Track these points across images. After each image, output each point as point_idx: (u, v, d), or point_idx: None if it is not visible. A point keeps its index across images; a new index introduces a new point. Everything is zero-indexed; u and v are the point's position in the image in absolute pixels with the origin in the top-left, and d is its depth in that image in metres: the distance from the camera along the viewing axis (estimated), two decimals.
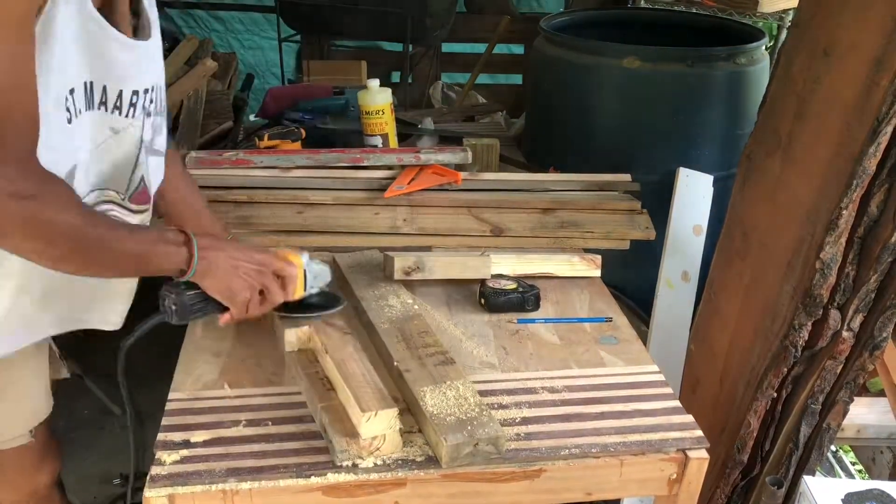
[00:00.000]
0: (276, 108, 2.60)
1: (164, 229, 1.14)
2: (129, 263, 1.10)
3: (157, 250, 1.09)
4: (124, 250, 1.06)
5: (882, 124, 1.20)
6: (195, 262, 1.11)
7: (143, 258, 1.09)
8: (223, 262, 1.15)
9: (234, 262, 1.16)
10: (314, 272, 1.29)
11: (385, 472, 1.05)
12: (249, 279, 1.17)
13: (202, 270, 1.13)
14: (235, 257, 1.17)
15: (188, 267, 1.11)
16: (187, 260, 1.11)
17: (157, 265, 1.11)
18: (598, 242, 1.75)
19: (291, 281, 1.23)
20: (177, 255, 1.11)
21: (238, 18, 4.82)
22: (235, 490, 1.02)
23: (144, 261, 1.10)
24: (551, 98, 2.32)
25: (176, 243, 1.11)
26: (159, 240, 1.11)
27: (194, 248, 1.11)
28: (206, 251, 1.13)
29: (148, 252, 1.09)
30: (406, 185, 1.84)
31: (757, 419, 1.49)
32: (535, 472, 1.09)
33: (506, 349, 1.35)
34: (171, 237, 1.11)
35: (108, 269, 1.11)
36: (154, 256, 1.10)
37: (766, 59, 2.25)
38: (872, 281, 1.30)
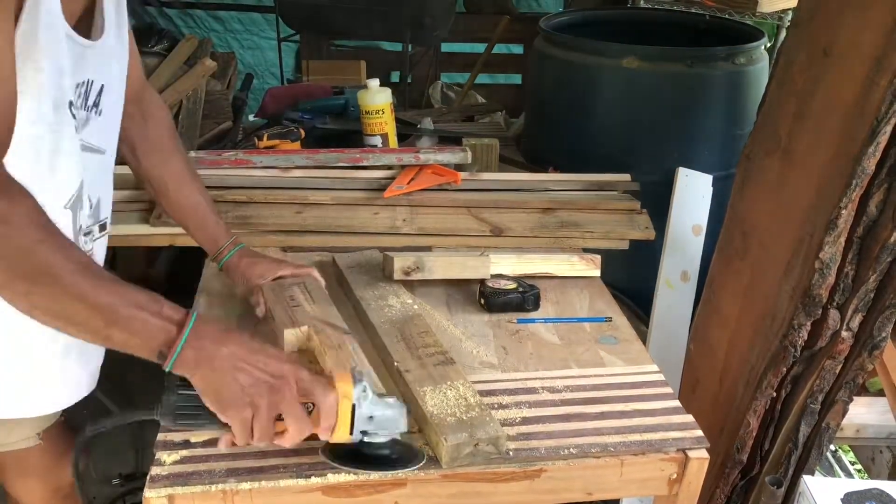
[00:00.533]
0: (275, 108, 2.60)
1: (161, 299, 0.91)
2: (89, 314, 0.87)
3: (130, 314, 0.88)
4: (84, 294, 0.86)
5: (881, 124, 1.20)
6: (178, 348, 0.88)
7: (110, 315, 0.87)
8: (221, 359, 0.90)
9: (238, 363, 0.91)
10: (374, 413, 0.96)
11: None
12: (254, 392, 0.90)
13: (189, 363, 0.89)
14: (240, 357, 0.91)
15: (169, 350, 0.88)
16: (169, 341, 0.88)
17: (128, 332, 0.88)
18: (597, 242, 1.75)
19: (327, 415, 0.93)
20: (158, 331, 0.89)
21: (237, 18, 4.82)
22: (235, 490, 1.02)
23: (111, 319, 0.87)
24: (551, 98, 2.33)
25: (164, 317, 0.89)
26: (143, 305, 0.89)
27: (186, 330, 0.89)
28: (203, 340, 0.90)
29: (118, 311, 0.87)
30: (406, 185, 1.84)
31: (756, 419, 1.49)
32: (536, 472, 1.09)
33: (506, 349, 1.35)
34: (163, 309, 0.90)
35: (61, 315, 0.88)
36: (125, 319, 0.88)
37: (765, 59, 2.25)
38: (871, 281, 1.31)
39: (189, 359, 0.89)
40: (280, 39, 4.16)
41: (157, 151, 1.35)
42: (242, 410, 0.91)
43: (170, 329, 0.89)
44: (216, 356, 0.90)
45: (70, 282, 0.86)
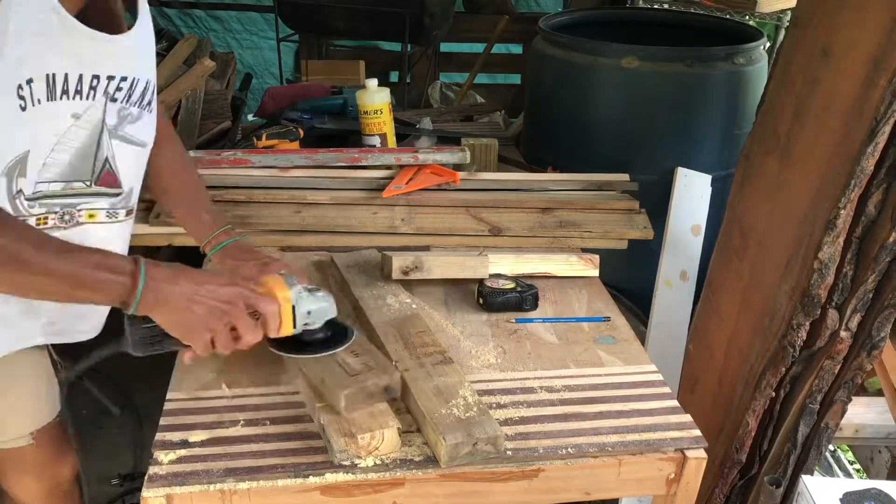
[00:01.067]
0: (274, 107, 2.60)
1: (111, 254, 1.05)
2: (55, 284, 0.99)
3: (91, 274, 0.99)
4: (49, 268, 0.97)
5: (880, 124, 1.20)
6: (138, 295, 1.00)
7: (74, 280, 0.99)
8: (176, 297, 1.03)
9: (192, 296, 1.03)
10: (310, 308, 1.13)
11: (383, 471, 1.05)
12: (210, 316, 1.04)
13: (149, 303, 1.02)
14: (194, 291, 1.04)
15: (130, 298, 1.00)
16: (128, 292, 1.00)
17: (92, 291, 1.00)
18: (596, 242, 1.75)
19: (271, 319, 1.09)
20: (117, 285, 1.00)
21: (236, 18, 4.82)
22: (233, 490, 1.02)
23: (76, 283, 0.99)
24: (550, 98, 2.33)
25: (119, 271, 1.00)
26: (99, 265, 1.00)
27: (139, 279, 1.00)
28: (157, 282, 1.01)
29: (79, 275, 0.98)
30: (404, 185, 1.84)
31: (755, 419, 1.49)
32: (534, 471, 1.09)
33: (504, 349, 1.35)
34: (116, 264, 1.01)
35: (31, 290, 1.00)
36: (88, 280, 0.99)
37: (764, 59, 2.25)
38: (870, 281, 1.30)
39: (149, 301, 1.01)
40: (279, 39, 4.16)
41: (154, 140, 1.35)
42: (203, 335, 1.05)
43: (126, 281, 1.00)
44: (171, 294, 1.03)
45: (35, 261, 0.96)
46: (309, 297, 1.13)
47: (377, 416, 1.08)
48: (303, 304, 1.12)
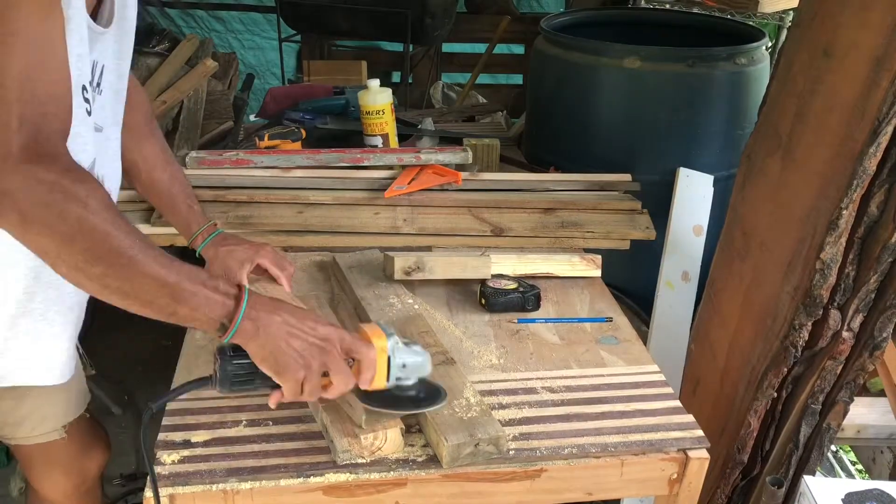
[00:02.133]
0: (276, 108, 2.60)
1: (217, 277, 0.99)
2: (158, 292, 0.93)
3: (195, 289, 0.94)
4: (156, 274, 0.92)
5: (882, 124, 1.20)
6: (239, 319, 0.95)
7: (177, 292, 0.93)
8: (276, 327, 0.98)
9: (291, 329, 0.99)
10: (405, 361, 1.05)
11: (386, 472, 1.05)
12: (307, 354, 0.98)
13: (248, 332, 0.96)
14: (292, 325, 0.99)
15: (230, 322, 0.96)
16: (230, 314, 0.96)
17: (193, 309, 0.94)
18: (598, 242, 1.75)
19: (368, 367, 1.02)
20: (218, 305, 0.95)
21: (238, 18, 4.82)
22: (236, 490, 1.03)
23: (177, 296, 0.93)
24: (552, 98, 2.32)
25: (222, 292, 0.96)
26: (203, 282, 0.95)
27: (243, 303, 0.96)
28: (258, 311, 0.97)
29: (184, 288, 0.93)
30: (406, 185, 1.84)
31: (757, 419, 1.49)
32: (536, 471, 1.09)
33: (506, 349, 1.35)
34: (220, 285, 0.97)
35: (131, 294, 0.93)
36: (190, 295, 0.94)
37: (766, 59, 2.25)
38: (872, 281, 1.30)
39: (247, 329, 0.96)
40: (281, 39, 4.16)
41: (132, 135, 1.33)
42: (297, 372, 0.98)
43: (228, 303, 0.96)
44: (271, 325, 0.98)
45: (143, 263, 0.91)
46: (405, 349, 1.06)
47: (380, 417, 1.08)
48: (399, 356, 1.05)
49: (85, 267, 0.89)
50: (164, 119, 2.59)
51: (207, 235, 1.38)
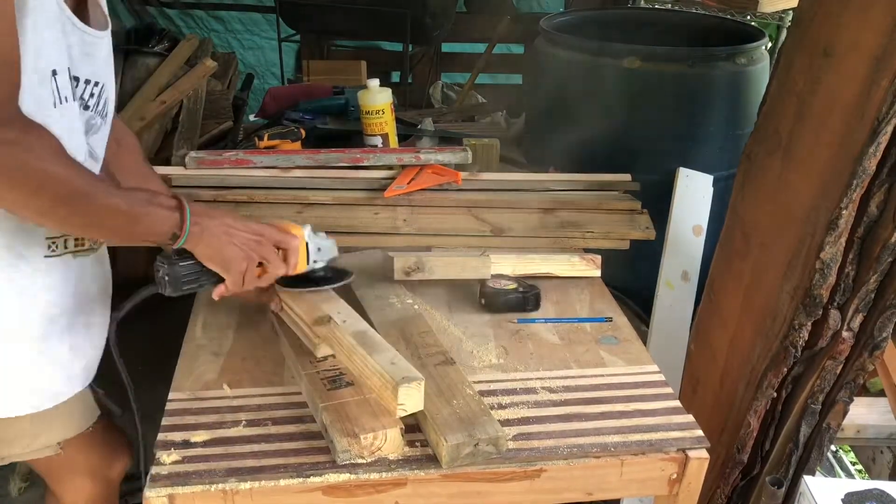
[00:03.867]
0: (275, 108, 2.60)
1: (155, 193, 1.09)
2: (116, 221, 1.04)
3: (147, 211, 1.05)
4: (112, 206, 1.02)
5: (882, 124, 1.20)
6: (187, 227, 1.07)
7: (132, 217, 1.04)
8: (217, 228, 1.11)
9: (229, 229, 1.12)
10: (318, 245, 1.24)
11: (385, 472, 1.05)
12: (246, 248, 1.13)
13: (195, 236, 1.09)
14: (230, 225, 1.12)
15: (180, 231, 1.07)
16: (179, 224, 1.07)
17: (147, 227, 1.06)
18: (598, 242, 1.75)
19: (293, 253, 1.19)
20: (168, 219, 1.06)
21: (238, 18, 4.83)
22: (235, 490, 1.02)
23: (133, 220, 1.04)
24: (551, 98, 2.32)
25: (167, 207, 1.07)
26: (150, 202, 1.06)
27: (186, 213, 1.07)
28: (200, 217, 1.09)
29: (137, 212, 1.04)
30: (406, 185, 1.84)
31: (757, 419, 1.49)
32: (536, 471, 1.09)
33: (506, 349, 1.35)
34: (163, 201, 1.07)
35: (94, 226, 1.05)
36: (144, 217, 1.05)
37: (766, 59, 2.25)
38: (872, 281, 1.30)
39: (195, 233, 1.09)
40: (280, 39, 4.16)
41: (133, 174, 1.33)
42: (240, 264, 1.13)
43: (174, 215, 1.07)
44: (213, 227, 1.10)
45: (102, 199, 1.01)
46: (317, 235, 1.24)
47: (380, 417, 1.08)
48: (314, 242, 1.23)
49: (51, 211, 0.98)
50: (164, 119, 2.60)
51: None
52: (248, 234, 1.13)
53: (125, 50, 2.82)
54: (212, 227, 1.10)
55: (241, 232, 1.13)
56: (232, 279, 1.14)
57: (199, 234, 1.09)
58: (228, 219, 1.13)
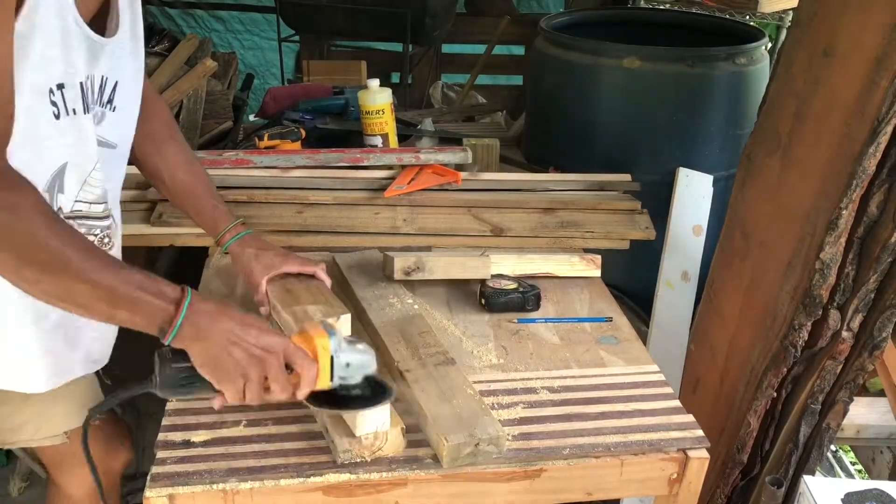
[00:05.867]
0: (275, 108, 2.59)
1: (159, 280, 0.99)
2: (93, 297, 0.94)
3: (132, 294, 0.95)
4: (90, 279, 0.93)
5: (882, 124, 1.20)
6: (177, 324, 0.95)
7: (113, 297, 0.94)
8: (217, 334, 0.97)
9: (232, 337, 0.98)
10: (348, 360, 1.04)
11: (386, 471, 1.05)
12: (247, 363, 0.98)
13: (187, 337, 0.97)
14: (234, 333, 0.98)
15: (168, 327, 0.95)
16: (169, 318, 0.95)
17: (131, 312, 0.95)
18: (598, 242, 1.75)
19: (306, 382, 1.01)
20: (158, 310, 0.95)
21: (238, 18, 4.82)
22: (236, 490, 1.03)
23: (114, 301, 0.94)
24: (551, 98, 2.33)
25: (163, 297, 0.96)
26: (143, 286, 0.96)
27: (183, 308, 0.96)
28: (200, 317, 0.97)
29: (120, 293, 0.94)
30: (406, 185, 1.84)
31: (757, 419, 1.49)
32: (536, 471, 1.09)
33: (506, 349, 1.35)
34: (160, 289, 0.97)
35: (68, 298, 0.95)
36: (127, 300, 0.95)
37: (766, 59, 2.25)
38: (872, 281, 1.30)
39: (187, 334, 0.96)
40: (280, 39, 4.16)
41: (151, 140, 1.34)
42: (236, 381, 0.98)
43: (168, 308, 0.96)
44: (212, 331, 0.97)
45: (77, 268, 0.92)
46: (349, 348, 1.05)
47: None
48: (342, 356, 1.04)
49: (18, 271, 0.92)
50: None
51: (235, 234, 1.36)
52: (255, 348, 0.99)
53: None
54: (210, 332, 0.97)
55: (245, 344, 0.98)
56: (228, 394, 1.00)
57: (192, 335, 0.97)
58: (236, 324, 0.99)
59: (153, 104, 1.38)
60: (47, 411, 1.29)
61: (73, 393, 1.32)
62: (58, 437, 1.33)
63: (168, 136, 1.38)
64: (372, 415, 1.04)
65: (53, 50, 0.99)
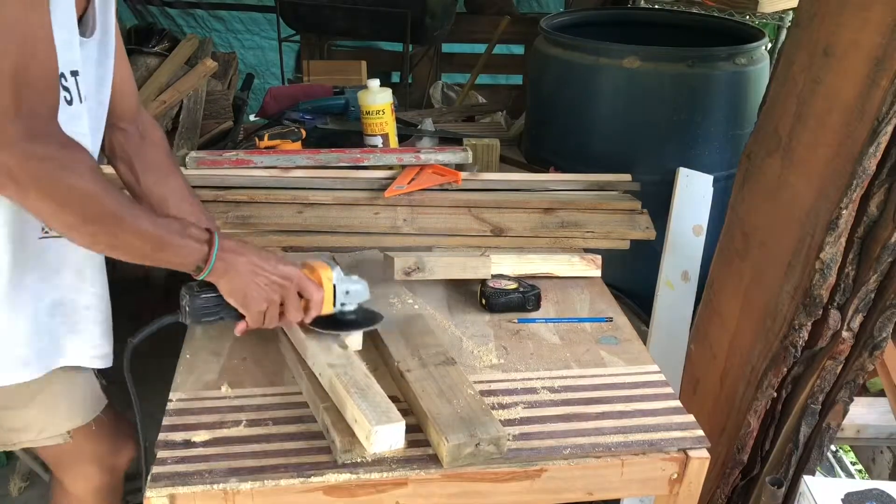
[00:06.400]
0: (276, 107, 2.60)
1: (188, 223, 1.12)
2: (142, 244, 1.06)
3: (174, 240, 1.07)
4: (140, 230, 1.04)
5: (882, 124, 1.20)
6: (212, 261, 1.09)
7: (159, 243, 1.07)
8: (243, 266, 1.12)
9: (255, 268, 1.13)
10: (347, 289, 1.24)
11: (386, 471, 1.05)
12: (269, 289, 1.14)
13: (219, 271, 1.11)
14: (257, 265, 1.13)
15: (205, 264, 1.09)
16: (205, 257, 1.09)
17: (173, 255, 1.08)
18: (598, 242, 1.75)
19: (315, 305, 1.18)
20: (195, 251, 1.09)
21: (238, 18, 4.83)
22: (236, 490, 1.03)
23: (159, 246, 1.07)
24: (551, 98, 2.33)
25: (197, 239, 1.09)
26: (179, 231, 1.08)
27: (214, 247, 1.09)
28: (227, 253, 1.11)
29: (164, 239, 1.07)
30: (406, 185, 1.84)
31: (757, 419, 1.49)
32: (536, 471, 1.09)
33: (506, 349, 1.35)
34: (194, 232, 1.10)
35: (119, 247, 1.06)
36: (170, 245, 1.07)
37: (766, 59, 2.25)
38: (872, 281, 1.31)
39: (219, 269, 1.11)
40: (281, 39, 4.16)
41: (156, 170, 1.37)
42: (260, 304, 1.14)
43: (202, 248, 1.09)
44: (238, 264, 1.12)
45: (130, 221, 1.04)
46: (347, 279, 1.24)
47: None
48: (343, 285, 1.23)
49: (78, 226, 1.02)
50: (164, 119, 2.60)
51: None
52: (275, 275, 1.14)
53: (125, 50, 2.82)
54: (238, 265, 1.12)
55: (267, 273, 1.14)
56: (251, 317, 1.15)
57: (223, 269, 1.11)
58: (257, 258, 1.14)
59: (153, 131, 1.42)
60: (50, 412, 1.29)
61: (75, 393, 1.33)
62: (61, 436, 1.33)
63: (171, 165, 1.42)
64: (385, 432, 1.05)
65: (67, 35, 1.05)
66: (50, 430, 1.32)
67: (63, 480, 1.45)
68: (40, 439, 1.32)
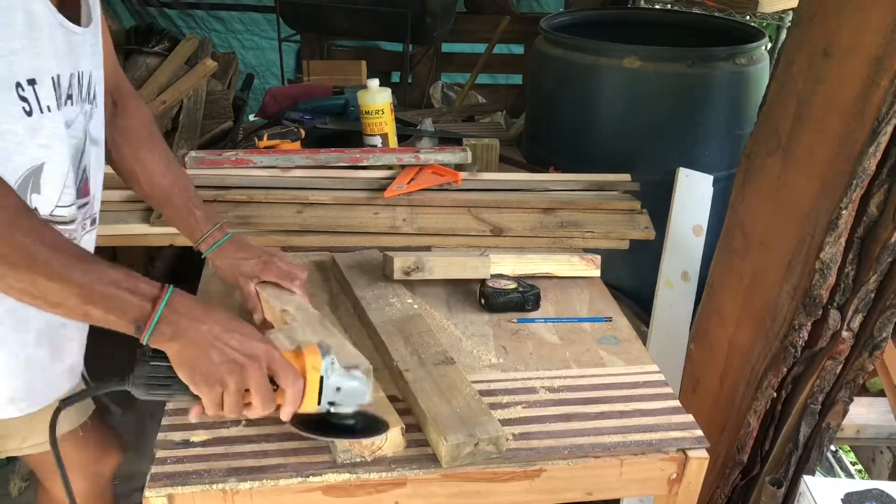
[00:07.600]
0: (275, 107, 2.60)
1: (138, 277, 0.92)
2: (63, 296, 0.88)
3: (106, 291, 0.89)
4: (59, 277, 0.87)
5: (882, 124, 1.20)
6: (154, 321, 0.89)
7: (84, 295, 0.88)
8: (198, 334, 0.91)
9: (214, 339, 0.92)
10: (340, 385, 0.98)
11: (385, 471, 1.05)
12: (224, 368, 0.91)
13: (166, 335, 0.91)
14: (218, 336, 0.92)
15: (144, 325, 0.90)
16: (144, 316, 0.90)
17: (105, 311, 0.90)
18: (597, 242, 1.75)
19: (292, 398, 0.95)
20: (132, 307, 0.90)
21: (238, 18, 4.83)
22: (235, 490, 1.02)
23: (85, 299, 0.89)
24: (551, 98, 2.33)
25: (139, 293, 0.90)
26: (117, 281, 0.90)
27: (160, 306, 0.90)
28: (178, 316, 0.91)
29: (92, 290, 0.89)
30: (406, 185, 1.84)
31: (757, 419, 1.49)
32: (536, 471, 1.09)
33: (506, 349, 1.35)
34: (138, 285, 0.91)
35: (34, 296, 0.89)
36: (99, 298, 0.89)
37: (766, 59, 2.25)
38: (872, 281, 1.31)
39: (165, 333, 0.91)
40: (280, 39, 4.16)
41: (127, 141, 1.30)
42: (212, 386, 0.92)
43: (144, 305, 0.90)
44: (191, 331, 0.91)
45: (45, 264, 0.87)
46: (342, 372, 0.99)
47: None
48: (334, 378, 0.97)
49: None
50: (164, 119, 2.60)
51: (213, 242, 1.32)
52: (238, 352, 0.92)
53: (125, 50, 2.83)
54: (189, 331, 0.91)
55: (226, 347, 0.92)
56: (206, 400, 0.93)
57: (170, 334, 0.91)
58: (221, 328, 0.93)
59: (131, 102, 1.34)
60: (34, 420, 1.26)
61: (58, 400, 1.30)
62: (45, 444, 1.29)
63: (146, 137, 1.33)
64: None
65: (17, 42, 0.94)
66: (33, 439, 1.28)
67: (48, 487, 1.44)
68: (24, 448, 1.29)
